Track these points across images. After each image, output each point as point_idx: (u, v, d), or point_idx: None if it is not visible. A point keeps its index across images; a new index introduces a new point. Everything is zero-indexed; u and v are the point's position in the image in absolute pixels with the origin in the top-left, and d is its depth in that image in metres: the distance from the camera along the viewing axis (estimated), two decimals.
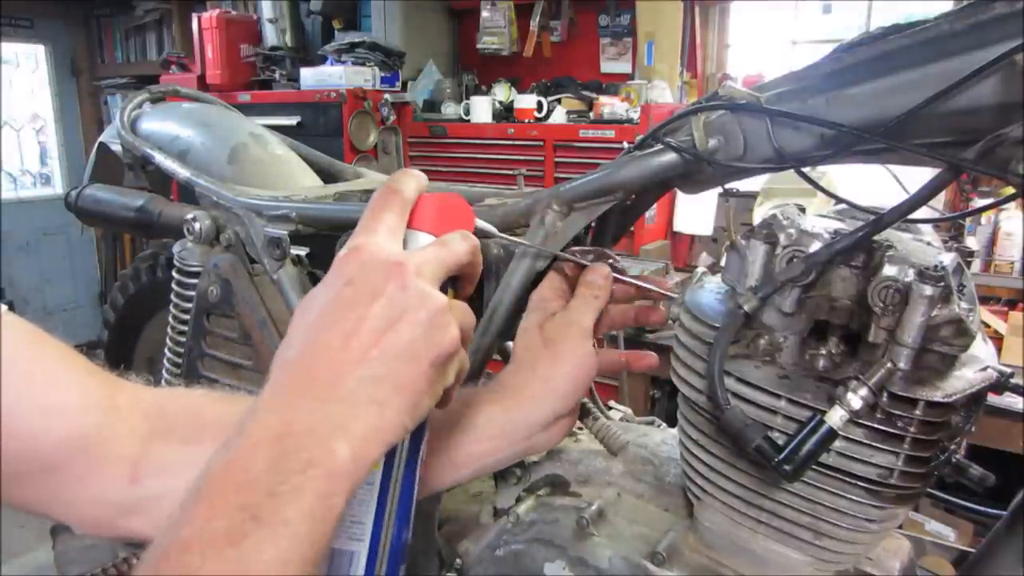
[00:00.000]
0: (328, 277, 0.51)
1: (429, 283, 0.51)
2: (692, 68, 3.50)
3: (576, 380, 0.70)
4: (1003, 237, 2.73)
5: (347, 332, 0.47)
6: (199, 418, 0.64)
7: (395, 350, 0.48)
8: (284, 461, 0.42)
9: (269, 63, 3.78)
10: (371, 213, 0.54)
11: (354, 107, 3.31)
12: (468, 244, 0.55)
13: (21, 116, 4.99)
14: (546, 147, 3.25)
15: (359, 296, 0.48)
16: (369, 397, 0.47)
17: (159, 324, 1.55)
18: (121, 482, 0.60)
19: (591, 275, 0.74)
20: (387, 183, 0.55)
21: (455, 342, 0.51)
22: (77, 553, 1.47)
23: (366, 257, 0.50)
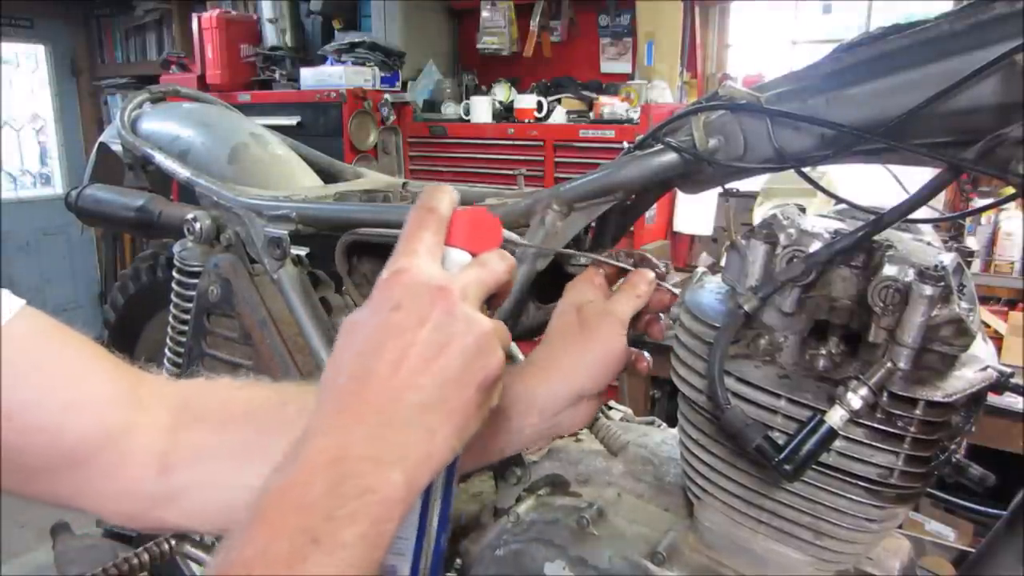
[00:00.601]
0: (373, 301, 0.51)
1: (473, 306, 0.51)
2: (692, 68, 3.49)
3: (606, 364, 0.71)
4: (1003, 237, 2.73)
5: (397, 358, 0.48)
6: (224, 406, 0.65)
7: (445, 376, 0.49)
8: (342, 486, 0.43)
9: (269, 63, 3.78)
10: (409, 233, 0.54)
11: (354, 107, 3.31)
12: (506, 264, 0.56)
13: (21, 116, 4.98)
14: (546, 147, 3.25)
15: (407, 322, 0.49)
16: (421, 423, 0.48)
17: (159, 324, 1.55)
18: (150, 474, 0.60)
19: (637, 277, 0.75)
20: (422, 201, 0.56)
21: (501, 365, 0.52)
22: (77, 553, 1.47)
23: (410, 280, 0.50)
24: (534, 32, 3.67)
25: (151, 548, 1.29)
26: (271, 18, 3.79)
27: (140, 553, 1.28)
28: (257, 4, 3.90)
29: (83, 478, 0.59)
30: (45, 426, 0.56)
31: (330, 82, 3.37)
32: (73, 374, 0.59)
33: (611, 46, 3.69)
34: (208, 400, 0.65)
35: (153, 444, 0.61)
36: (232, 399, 0.66)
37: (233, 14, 3.99)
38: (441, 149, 3.56)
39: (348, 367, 0.49)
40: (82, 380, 0.59)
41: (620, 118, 3.14)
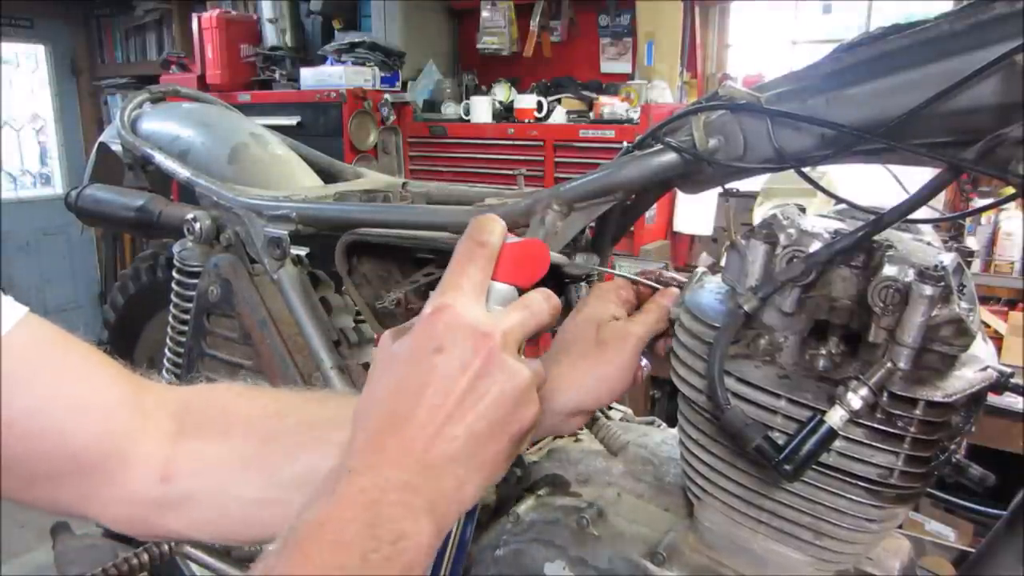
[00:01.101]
0: (415, 337, 0.51)
1: (514, 352, 0.51)
2: (692, 68, 3.49)
3: (615, 386, 0.73)
4: (1003, 237, 2.73)
5: (436, 405, 0.48)
6: (226, 415, 0.65)
7: (480, 428, 0.49)
8: (378, 528, 0.44)
9: (269, 63, 3.78)
10: (457, 267, 0.53)
11: (354, 107, 3.31)
12: (551, 306, 0.55)
13: (21, 116, 4.98)
14: (546, 147, 3.25)
15: (448, 367, 0.49)
16: (452, 474, 0.48)
17: (159, 324, 1.55)
18: (153, 481, 0.61)
19: (665, 299, 0.76)
20: (471, 233, 0.55)
21: (536, 416, 0.52)
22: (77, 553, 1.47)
23: (454, 320, 0.50)
24: (534, 32, 3.67)
25: (151, 548, 1.29)
26: (271, 18, 3.79)
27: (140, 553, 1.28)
28: (257, 4, 3.90)
29: (86, 485, 0.59)
30: (48, 433, 0.56)
31: (330, 82, 3.37)
32: (76, 381, 0.59)
33: (611, 46, 3.69)
34: (209, 407, 0.65)
35: (156, 451, 0.61)
36: (233, 407, 0.66)
37: (233, 14, 3.99)
38: (441, 149, 3.56)
39: (387, 404, 0.49)
40: (85, 387, 0.59)
41: (620, 118, 3.14)
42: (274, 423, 0.64)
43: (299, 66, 3.64)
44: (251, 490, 0.62)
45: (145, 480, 0.60)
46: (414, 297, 1.11)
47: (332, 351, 1.18)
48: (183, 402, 0.65)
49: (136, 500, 0.61)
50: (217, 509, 0.62)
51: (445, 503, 0.48)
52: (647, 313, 0.75)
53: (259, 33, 3.87)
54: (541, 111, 3.38)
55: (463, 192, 1.26)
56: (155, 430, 0.61)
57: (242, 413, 0.65)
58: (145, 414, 0.61)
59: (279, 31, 3.80)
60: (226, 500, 0.62)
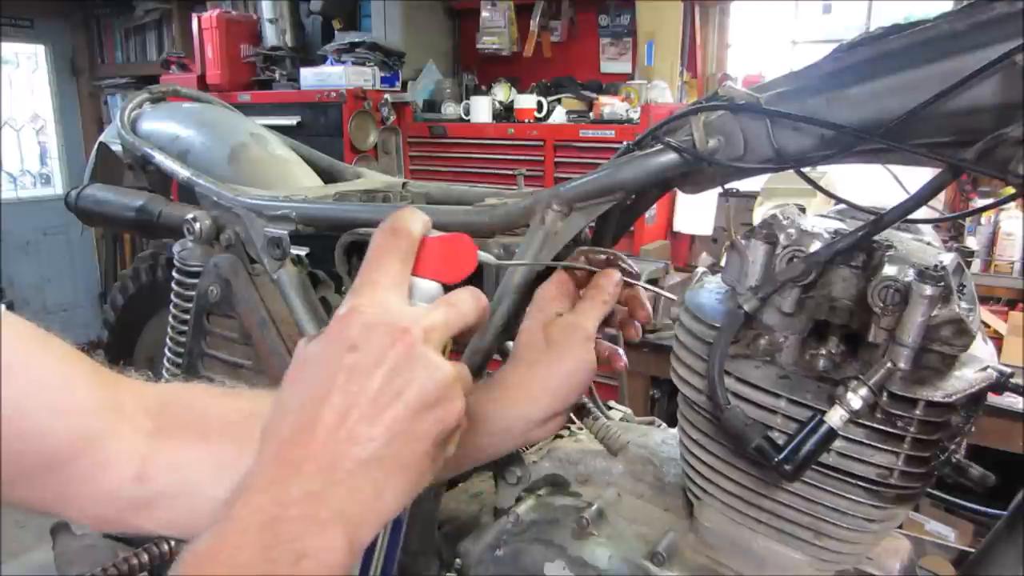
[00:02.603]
0: (328, 337, 0.47)
1: (436, 349, 0.48)
2: (692, 68, 3.50)
3: (574, 382, 0.71)
4: (1003, 237, 2.74)
5: (346, 406, 0.44)
6: (203, 416, 0.64)
7: (397, 428, 0.45)
8: (275, 550, 0.40)
9: (269, 63, 3.78)
10: (373, 260, 0.50)
11: (354, 107, 3.31)
12: (477, 304, 0.52)
13: (21, 116, 4.99)
14: (546, 147, 3.25)
15: (361, 365, 0.45)
16: (367, 479, 0.44)
17: (159, 324, 1.55)
18: (128, 480, 0.60)
19: (603, 280, 0.74)
20: (388, 223, 0.51)
21: (460, 415, 0.48)
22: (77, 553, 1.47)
23: (370, 319, 0.47)
24: (534, 32, 3.68)
25: (151, 548, 1.28)
26: (271, 18, 3.79)
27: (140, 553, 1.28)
28: (257, 4, 3.90)
29: (61, 483, 0.58)
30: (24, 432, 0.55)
31: (330, 82, 3.37)
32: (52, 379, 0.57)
33: (611, 46, 3.69)
34: (187, 408, 0.65)
35: (132, 450, 0.60)
36: (210, 409, 0.65)
37: (233, 14, 3.99)
38: (441, 149, 3.56)
39: (293, 412, 0.46)
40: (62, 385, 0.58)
41: (620, 118, 3.14)
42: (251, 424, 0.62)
43: (299, 66, 3.64)
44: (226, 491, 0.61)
45: (120, 480, 0.59)
46: None
47: None
48: (160, 401, 0.64)
49: (110, 499, 0.60)
50: (191, 510, 0.61)
51: (360, 511, 0.44)
52: (590, 299, 0.73)
53: (259, 33, 3.87)
54: (541, 111, 3.38)
55: (463, 192, 1.26)
56: (131, 430, 0.60)
57: (219, 415, 0.64)
58: (121, 413, 0.60)
59: (279, 31, 3.80)
60: (200, 501, 0.61)
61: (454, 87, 3.79)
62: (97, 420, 0.59)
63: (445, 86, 3.76)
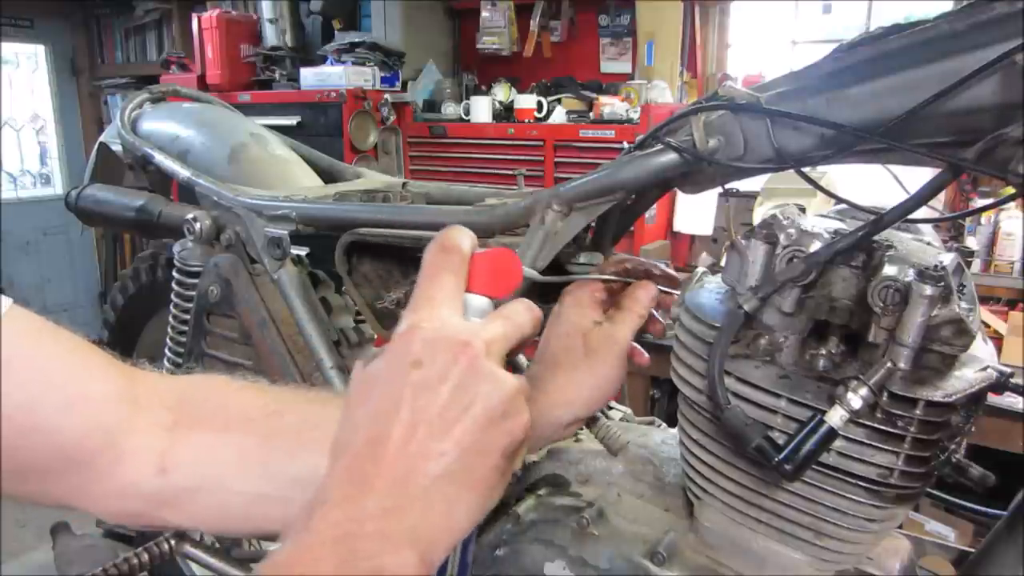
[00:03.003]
0: (391, 354, 0.48)
1: (497, 362, 0.48)
2: (692, 68, 3.49)
3: (606, 392, 0.74)
4: (1003, 237, 2.73)
5: (415, 422, 0.45)
6: (224, 409, 0.64)
7: (467, 443, 0.45)
8: (352, 564, 0.41)
9: (269, 63, 3.78)
10: (428, 278, 0.50)
11: (354, 107, 3.30)
12: (532, 316, 0.52)
13: (21, 116, 4.98)
14: (546, 147, 3.25)
15: (427, 380, 0.45)
16: (439, 496, 0.44)
17: (159, 324, 1.55)
18: (149, 474, 0.60)
19: (640, 292, 0.76)
20: (439, 241, 0.52)
21: (527, 427, 0.48)
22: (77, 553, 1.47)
23: (431, 334, 0.47)
24: (534, 32, 3.68)
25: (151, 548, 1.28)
26: (271, 18, 3.79)
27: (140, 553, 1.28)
28: (257, 4, 3.90)
29: (81, 478, 0.58)
30: (41, 427, 0.55)
31: (330, 82, 3.37)
32: (68, 373, 0.57)
33: (611, 46, 3.69)
34: (206, 401, 0.65)
35: (152, 444, 0.60)
36: (230, 402, 0.65)
37: (233, 14, 3.98)
38: (441, 149, 3.56)
39: (363, 428, 0.46)
40: (78, 379, 0.58)
41: (620, 118, 3.14)
42: (274, 421, 0.63)
43: (299, 66, 3.64)
44: (251, 486, 0.61)
45: (141, 473, 0.59)
46: None
47: (332, 351, 1.18)
48: (178, 393, 0.64)
49: (132, 493, 0.60)
50: (216, 503, 0.62)
51: (433, 529, 0.44)
52: (627, 311, 0.75)
53: (259, 33, 3.87)
54: (541, 111, 3.38)
55: (463, 192, 1.26)
56: (149, 422, 0.60)
57: (240, 409, 0.64)
58: (138, 406, 0.60)
59: (279, 31, 3.80)
60: (225, 495, 0.61)
61: (454, 87, 3.79)
62: (113, 413, 0.59)
63: (445, 86, 3.76)
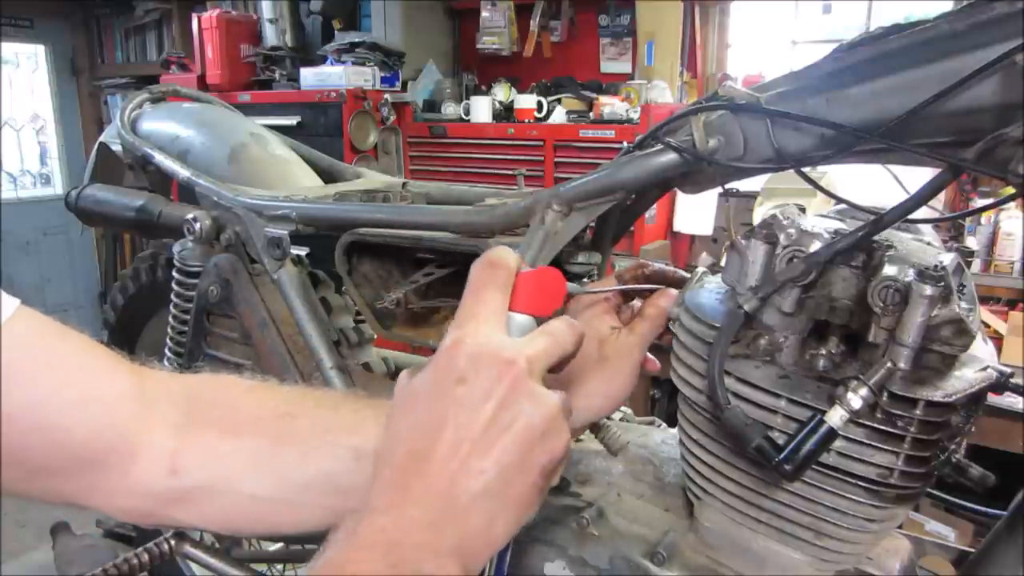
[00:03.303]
0: (435, 368, 0.49)
1: (539, 380, 0.49)
2: (692, 68, 3.49)
3: (617, 399, 0.74)
4: (1003, 237, 2.73)
5: (459, 438, 0.46)
6: (235, 411, 0.64)
7: (507, 460, 0.46)
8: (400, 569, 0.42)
9: (269, 63, 3.78)
10: (474, 293, 0.51)
11: (354, 107, 3.30)
12: (574, 333, 0.53)
13: (21, 116, 4.98)
14: (546, 147, 3.25)
15: (471, 397, 0.47)
16: (480, 511, 0.46)
17: (159, 324, 1.55)
18: (160, 473, 0.60)
19: (663, 301, 0.75)
20: (487, 258, 0.53)
21: (566, 446, 0.49)
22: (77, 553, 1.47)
23: (476, 350, 0.48)
24: (534, 32, 3.68)
25: (151, 548, 1.29)
26: (271, 18, 3.79)
27: (140, 553, 1.28)
28: (257, 4, 3.90)
29: (89, 477, 0.58)
30: (49, 427, 0.55)
31: (330, 82, 3.37)
32: (77, 373, 0.58)
33: (611, 46, 3.69)
34: (216, 401, 0.65)
35: (162, 443, 0.60)
36: (240, 402, 0.65)
37: (233, 14, 3.98)
38: (441, 149, 3.56)
39: (407, 441, 0.47)
40: (87, 378, 0.58)
41: (620, 118, 3.14)
42: (286, 424, 0.63)
43: (299, 66, 3.64)
44: (262, 489, 0.61)
45: (152, 472, 0.60)
46: (414, 297, 1.11)
47: (332, 351, 1.18)
48: (188, 392, 0.64)
49: (142, 492, 0.60)
50: (227, 504, 0.62)
51: (473, 543, 0.45)
52: (646, 320, 0.75)
53: (259, 33, 3.87)
54: (541, 111, 3.38)
55: (463, 192, 1.26)
56: (160, 421, 0.60)
57: (250, 410, 0.64)
58: (148, 405, 0.60)
59: (279, 31, 3.80)
60: (236, 497, 0.62)
61: (454, 87, 3.79)
62: (123, 413, 0.59)
63: (445, 86, 3.76)
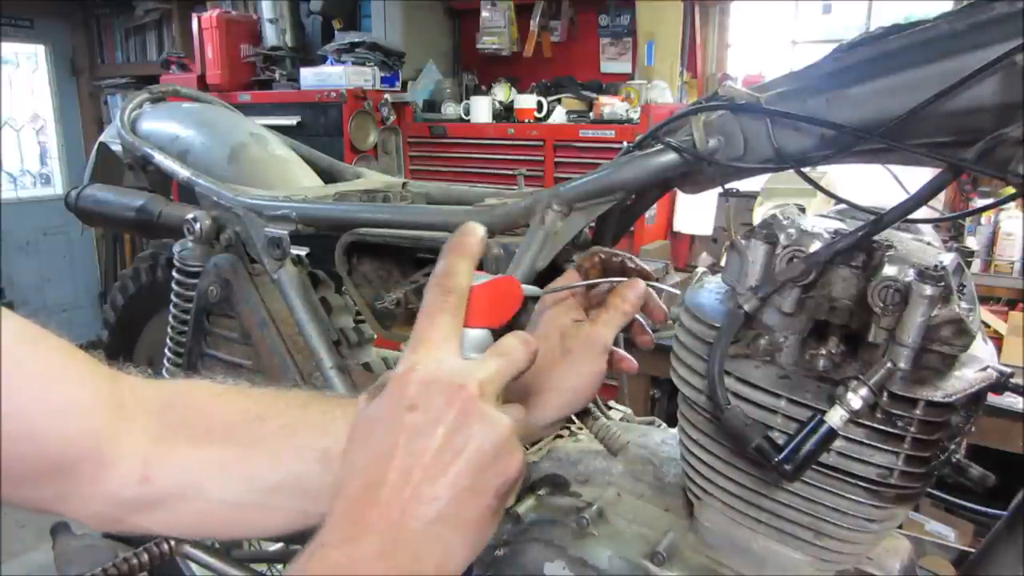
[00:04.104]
0: (388, 397, 0.49)
1: (492, 401, 0.49)
2: (692, 68, 3.50)
3: (584, 392, 0.72)
4: (1003, 237, 2.74)
5: (410, 465, 0.46)
6: (206, 417, 0.64)
7: (460, 485, 0.46)
8: None
9: (269, 63, 3.78)
10: (427, 317, 0.51)
11: (354, 107, 3.31)
12: (527, 349, 0.53)
13: (21, 116, 4.98)
14: (546, 147, 3.25)
15: (421, 424, 0.47)
16: (434, 538, 0.46)
17: (159, 324, 1.55)
18: (132, 481, 0.60)
19: (627, 290, 0.74)
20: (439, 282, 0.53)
21: (520, 466, 0.49)
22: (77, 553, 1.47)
23: (426, 377, 0.48)
24: (534, 32, 3.68)
25: (151, 548, 1.28)
26: (271, 18, 3.79)
27: (140, 553, 1.28)
28: (257, 4, 3.90)
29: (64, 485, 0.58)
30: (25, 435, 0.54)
31: (330, 82, 3.37)
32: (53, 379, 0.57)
33: (611, 46, 3.69)
34: (188, 407, 0.64)
35: (135, 451, 0.60)
36: (213, 408, 0.64)
37: (233, 14, 3.99)
38: (441, 149, 3.56)
39: (360, 472, 0.47)
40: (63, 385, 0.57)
41: (620, 118, 3.14)
42: (255, 427, 0.63)
43: (299, 66, 3.64)
44: (231, 494, 0.61)
45: (125, 480, 0.59)
46: (414, 297, 1.11)
47: (332, 351, 1.18)
48: (162, 399, 0.64)
49: (115, 499, 0.60)
50: (195, 511, 0.62)
51: (430, 571, 0.45)
52: (612, 310, 0.73)
53: (259, 33, 3.87)
54: (541, 111, 3.38)
55: (463, 192, 1.26)
56: (134, 429, 0.60)
57: (223, 415, 0.64)
58: (123, 413, 0.60)
59: (279, 31, 3.80)
60: (205, 503, 0.61)
61: (454, 87, 3.79)
62: (98, 419, 0.58)
63: (445, 86, 3.76)
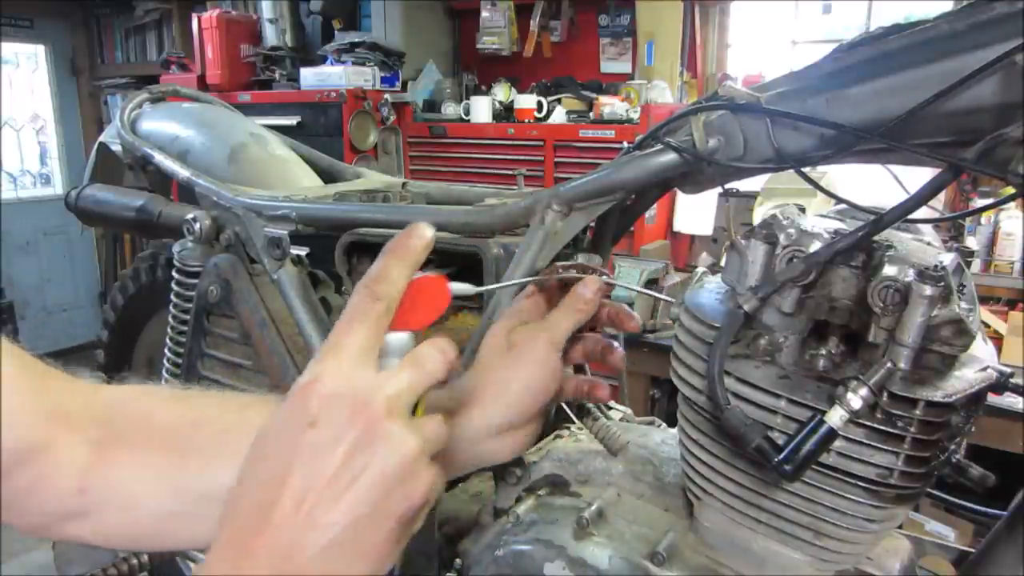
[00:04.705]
0: (288, 410, 0.45)
1: (401, 418, 0.45)
2: (692, 68, 3.50)
3: (532, 390, 0.66)
4: (1003, 237, 2.74)
5: (305, 487, 0.42)
6: (148, 423, 0.61)
7: (358, 511, 0.43)
8: None
9: (269, 63, 3.78)
10: (346, 323, 0.47)
11: (354, 107, 3.31)
12: (444, 359, 0.48)
13: (21, 116, 4.99)
14: (546, 147, 3.25)
15: (320, 442, 0.43)
16: (326, 567, 0.42)
17: (159, 324, 1.55)
18: (69, 491, 0.58)
19: (581, 288, 0.70)
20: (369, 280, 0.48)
21: (426, 491, 0.45)
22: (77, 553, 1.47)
23: (330, 390, 0.44)
24: (534, 32, 3.68)
25: None
26: (271, 18, 3.80)
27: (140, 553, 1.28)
28: (257, 4, 3.90)
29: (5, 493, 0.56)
30: None
31: (330, 82, 3.37)
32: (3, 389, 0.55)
33: (611, 46, 3.69)
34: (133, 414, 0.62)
35: (73, 461, 0.58)
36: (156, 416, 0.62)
37: (233, 14, 3.99)
38: (441, 149, 3.56)
39: (252, 492, 0.44)
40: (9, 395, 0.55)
41: (620, 118, 3.14)
42: (190, 433, 0.60)
43: (299, 66, 3.64)
44: (161, 504, 0.59)
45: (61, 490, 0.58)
46: None
47: None
48: (109, 407, 0.62)
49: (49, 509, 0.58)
50: (126, 522, 0.60)
51: None
52: (561, 307, 0.69)
53: (259, 33, 3.88)
54: (541, 111, 3.38)
55: (463, 192, 1.26)
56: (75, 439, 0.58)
57: (164, 422, 0.62)
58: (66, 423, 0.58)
59: (279, 31, 3.80)
60: (135, 513, 0.59)
61: (454, 87, 3.79)
62: (38, 431, 0.57)
63: (445, 86, 3.77)
